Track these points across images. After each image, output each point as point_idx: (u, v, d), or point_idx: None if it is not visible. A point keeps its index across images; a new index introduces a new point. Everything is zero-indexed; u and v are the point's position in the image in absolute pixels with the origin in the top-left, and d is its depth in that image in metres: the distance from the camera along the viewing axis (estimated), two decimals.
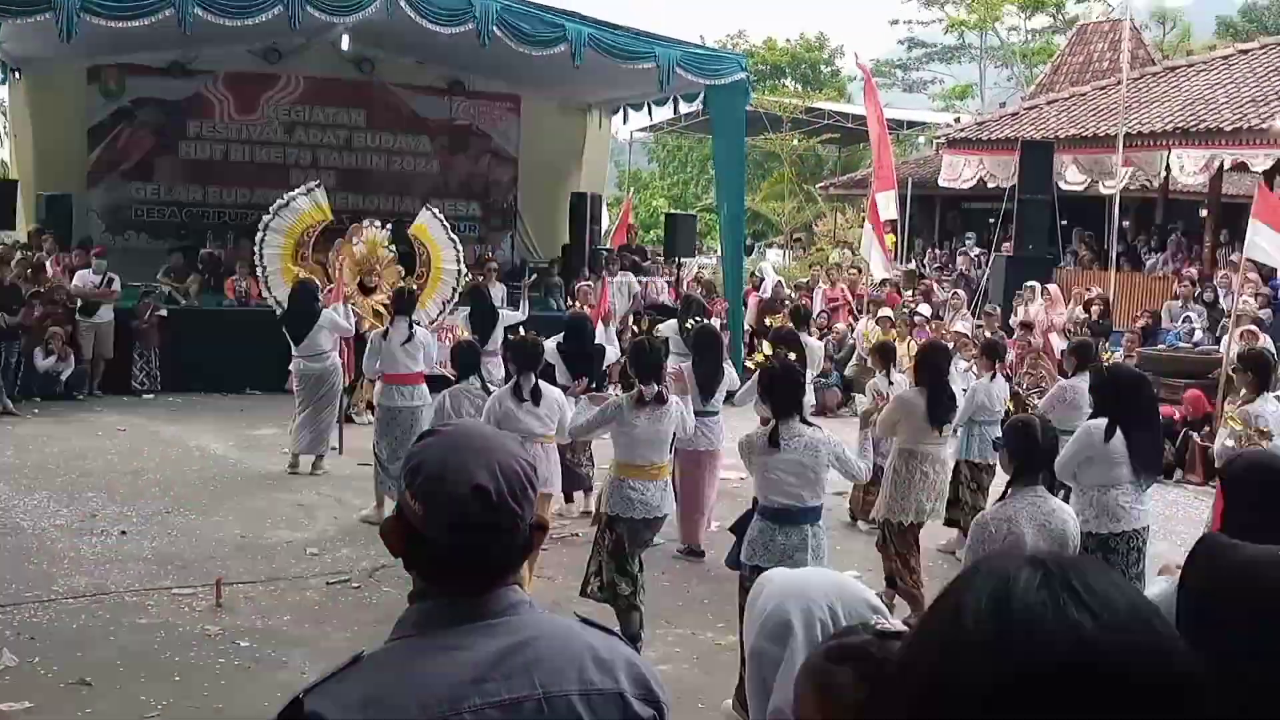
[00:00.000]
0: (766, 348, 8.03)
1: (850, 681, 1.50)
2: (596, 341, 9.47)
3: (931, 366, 7.48)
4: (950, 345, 9.44)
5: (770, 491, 5.58)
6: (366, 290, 11.32)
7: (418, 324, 9.78)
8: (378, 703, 1.64)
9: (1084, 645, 0.90)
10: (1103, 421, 5.90)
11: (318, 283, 10.80)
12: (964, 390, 8.52)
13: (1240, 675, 1.39)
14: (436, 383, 9.06)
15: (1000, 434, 8.78)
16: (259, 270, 11.28)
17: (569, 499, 9.27)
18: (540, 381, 7.18)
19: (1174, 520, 9.54)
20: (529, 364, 7.08)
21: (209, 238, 17.10)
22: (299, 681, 5.51)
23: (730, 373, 8.77)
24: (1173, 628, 0.96)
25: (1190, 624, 1.73)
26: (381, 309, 10.90)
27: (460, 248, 12.10)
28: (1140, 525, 5.96)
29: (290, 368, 10.62)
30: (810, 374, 9.17)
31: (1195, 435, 12.00)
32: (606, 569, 6.27)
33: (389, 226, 11.90)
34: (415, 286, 10.95)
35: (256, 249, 11.24)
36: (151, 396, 13.81)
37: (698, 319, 9.83)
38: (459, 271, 11.90)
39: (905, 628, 1.55)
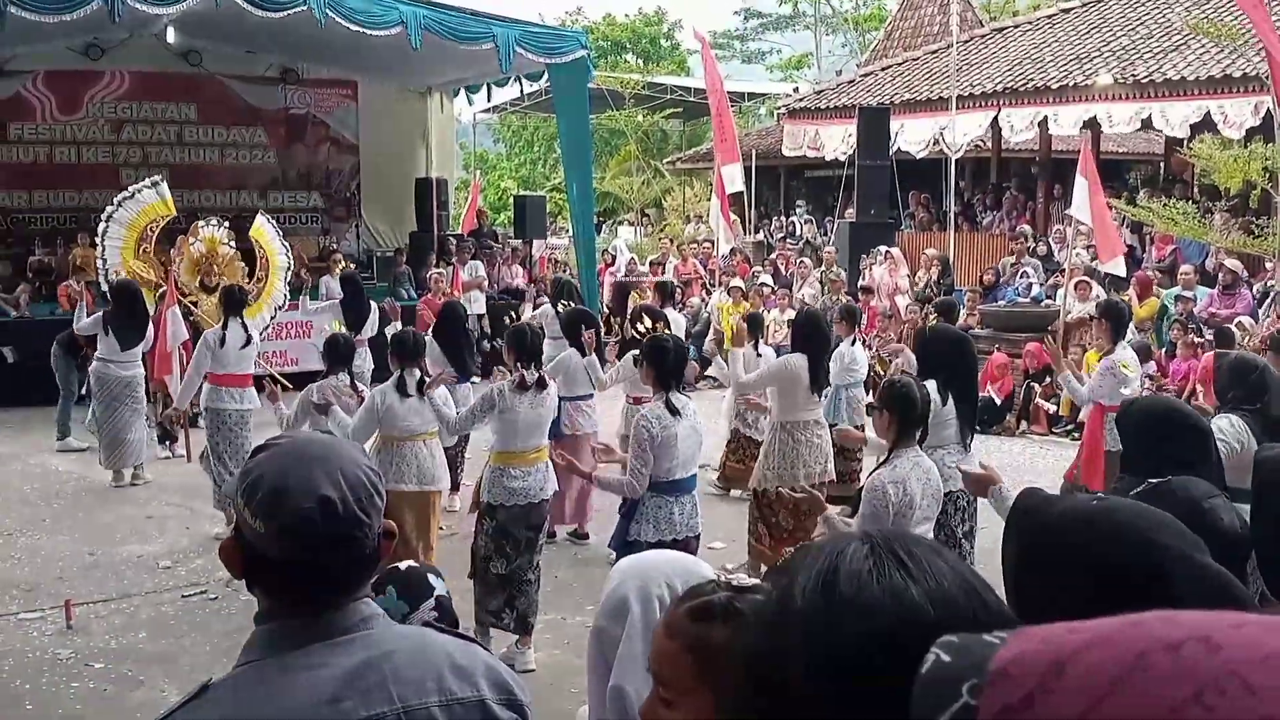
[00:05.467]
0: (647, 320, 8.06)
1: (727, 638, 1.47)
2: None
3: (812, 332, 7.51)
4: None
5: (671, 464, 5.53)
6: (209, 290, 11.00)
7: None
8: None
9: (907, 609, 0.93)
10: (931, 383, 5.94)
11: (139, 285, 10.37)
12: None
13: None
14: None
15: (865, 397, 9.04)
16: (99, 263, 10.88)
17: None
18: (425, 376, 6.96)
19: (1020, 470, 9.87)
20: (412, 357, 6.81)
21: (37, 244, 16.40)
22: (158, 700, 5.38)
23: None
24: (995, 594, 0.99)
25: (1009, 586, 1.70)
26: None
27: (290, 254, 11.83)
28: None
29: (91, 370, 10.12)
30: None
31: (1036, 387, 12.45)
32: (485, 548, 6.20)
33: (227, 223, 11.57)
34: (255, 289, 10.69)
35: (99, 240, 10.86)
36: None
37: (569, 301, 9.75)
38: (287, 275, 11.72)
39: (756, 581, 1.55)
